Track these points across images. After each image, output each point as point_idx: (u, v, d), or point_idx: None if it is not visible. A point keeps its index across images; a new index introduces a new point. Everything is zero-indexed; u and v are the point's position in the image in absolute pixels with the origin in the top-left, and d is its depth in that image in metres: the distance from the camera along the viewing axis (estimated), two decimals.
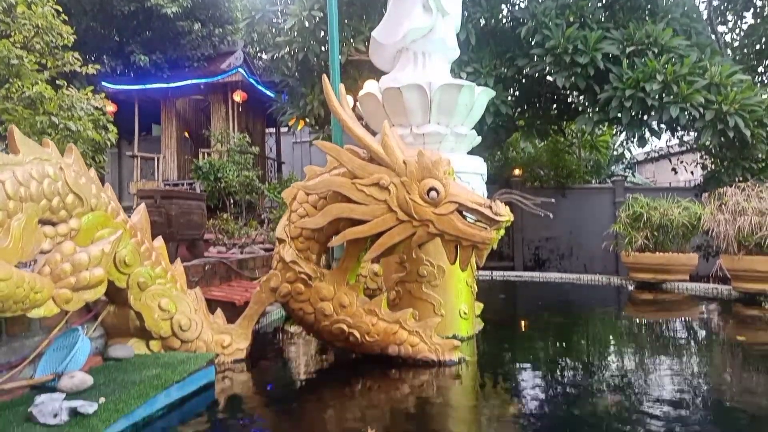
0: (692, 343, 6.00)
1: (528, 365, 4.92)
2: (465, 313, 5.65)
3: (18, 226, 3.29)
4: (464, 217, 4.35)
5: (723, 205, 8.39)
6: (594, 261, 14.14)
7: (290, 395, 4.22)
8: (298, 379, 4.73)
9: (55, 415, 2.80)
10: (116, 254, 3.99)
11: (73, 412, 2.88)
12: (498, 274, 12.14)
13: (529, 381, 4.40)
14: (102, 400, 3.10)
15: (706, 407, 3.64)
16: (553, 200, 5.23)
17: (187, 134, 17.07)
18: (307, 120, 12.79)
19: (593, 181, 17.17)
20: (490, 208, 4.27)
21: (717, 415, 3.49)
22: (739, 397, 3.93)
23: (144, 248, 4.29)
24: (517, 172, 15.92)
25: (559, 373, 4.58)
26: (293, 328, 6.52)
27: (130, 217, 4.43)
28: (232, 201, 9.22)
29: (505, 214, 4.32)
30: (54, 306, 3.41)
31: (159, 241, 4.67)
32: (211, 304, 5.19)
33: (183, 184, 14.41)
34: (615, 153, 19.86)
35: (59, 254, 3.50)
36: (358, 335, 4.71)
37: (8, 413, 2.98)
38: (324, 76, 5.08)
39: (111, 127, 7.78)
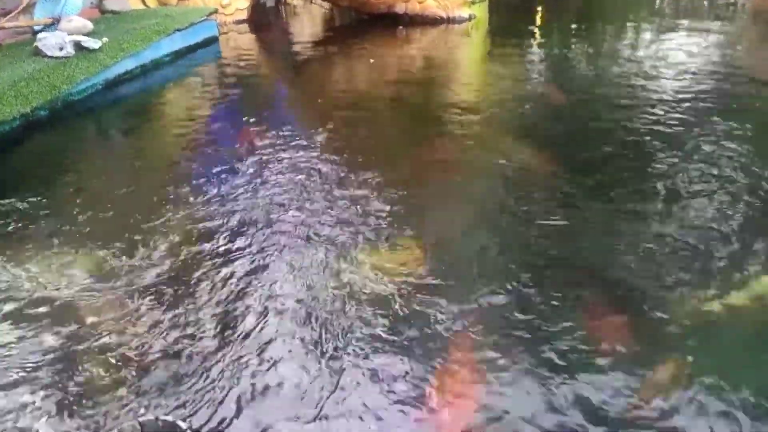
0: (711, 9, 5.61)
1: (539, 32, 4.73)
2: None
3: None
4: None
5: None
6: None
7: (294, 54, 4.20)
8: (302, 39, 4.65)
9: (61, 48, 2.81)
10: None
11: (78, 47, 2.89)
12: None
13: (538, 46, 4.21)
14: (105, 39, 3.07)
15: (711, 74, 3.46)
16: None
17: None
18: None
19: None
20: None
21: (722, 80, 3.29)
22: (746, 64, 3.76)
23: None
24: None
25: (569, 43, 4.31)
26: (296, 1, 6.23)
27: None
28: None
29: None
30: None
31: None
32: None
33: None
34: None
35: None
36: None
37: (16, 50, 3.01)
38: None
39: None
